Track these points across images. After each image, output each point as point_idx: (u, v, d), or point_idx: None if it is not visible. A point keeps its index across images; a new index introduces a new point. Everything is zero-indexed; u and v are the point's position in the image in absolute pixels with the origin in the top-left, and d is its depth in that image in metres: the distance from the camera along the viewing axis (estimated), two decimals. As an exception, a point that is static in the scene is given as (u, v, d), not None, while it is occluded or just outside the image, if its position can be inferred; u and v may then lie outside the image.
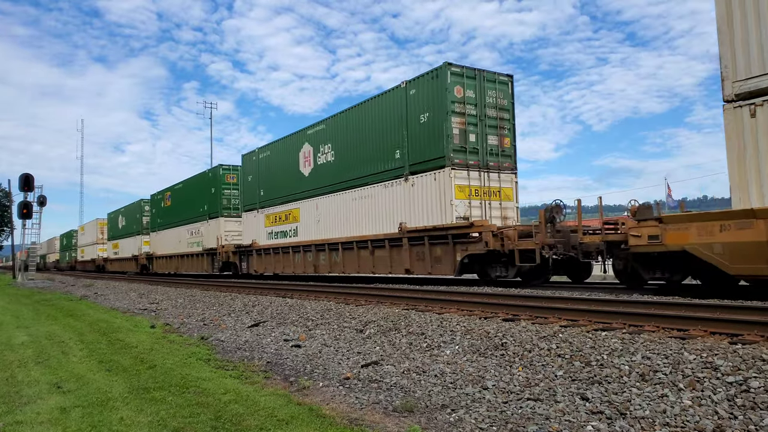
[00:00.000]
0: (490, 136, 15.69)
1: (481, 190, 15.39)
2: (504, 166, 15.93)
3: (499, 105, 15.87)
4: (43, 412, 4.82)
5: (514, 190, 16.12)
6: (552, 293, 10.73)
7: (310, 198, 21.28)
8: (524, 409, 4.53)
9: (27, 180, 34.39)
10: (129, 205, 46.32)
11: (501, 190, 15.82)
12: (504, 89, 16.10)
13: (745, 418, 3.85)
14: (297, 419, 4.49)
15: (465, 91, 15.27)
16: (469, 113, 15.24)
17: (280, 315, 10.97)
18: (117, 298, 18.60)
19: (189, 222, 32.34)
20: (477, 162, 15.39)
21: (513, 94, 16.32)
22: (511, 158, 16.18)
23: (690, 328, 6.24)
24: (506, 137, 16.00)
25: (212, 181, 29.47)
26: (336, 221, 19.72)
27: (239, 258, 26.14)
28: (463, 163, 15.07)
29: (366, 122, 18.42)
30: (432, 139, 15.34)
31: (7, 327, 11.15)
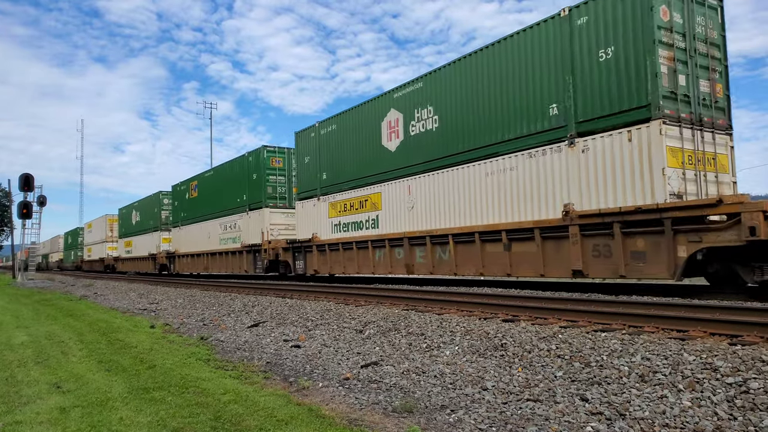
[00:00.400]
0: (701, 80, 11.36)
1: (695, 156, 10.88)
2: (718, 123, 11.47)
3: (710, 38, 11.63)
4: (43, 412, 4.82)
5: (729, 157, 11.66)
6: (552, 294, 10.73)
7: (398, 179, 16.69)
8: (524, 410, 4.53)
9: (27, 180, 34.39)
10: (145, 199, 41.24)
11: (716, 157, 11.30)
12: (714, 16, 11.76)
13: (745, 419, 3.85)
14: (296, 419, 4.49)
15: (672, 14, 10.97)
16: (678, 46, 10.94)
17: (280, 315, 10.97)
18: (116, 298, 18.60)
19: (222, 215, 27.92)
20: (690, 115, 10.94)
21: (724, 24, 11.99)
22: (724, 113, 11.71)
23: (690, 329, 6.24)
24: (719, 83, 11.79)
25: (253, 166, 24.79)
26: (441, 207, 15.04)
27: (293, 256, 21.50)
28: (675, 115, 10.64)
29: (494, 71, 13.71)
30: (623, 82, 10.94)
31: (7, 327, 11.14)
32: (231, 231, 26.96)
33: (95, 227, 56.54)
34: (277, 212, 24.16)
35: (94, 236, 56.15)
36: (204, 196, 30.51)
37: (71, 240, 71.02)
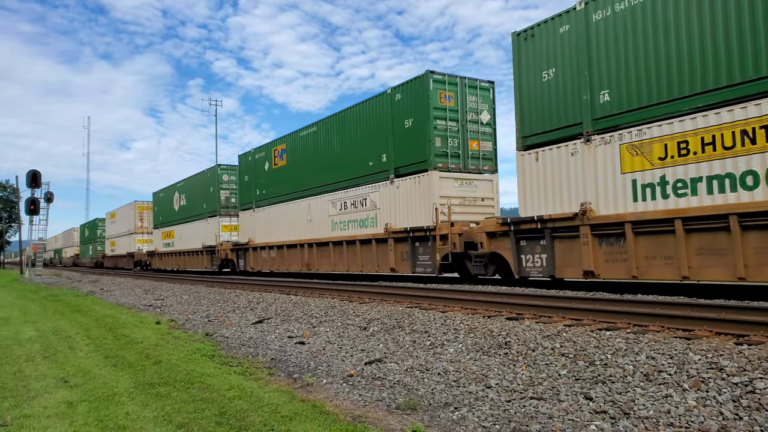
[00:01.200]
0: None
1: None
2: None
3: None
4: (51, 406, 4.87)
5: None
6: (556, 292, 10.72)
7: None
8: (527, 408, 4.53)
9: (34, 177, 34.60)
10: (193, 177, 33.00)
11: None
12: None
13: (750, 419, 3.84)
14: (300, 416, 4.51)
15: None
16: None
17: (284, 312, 11.00)
18: (122, 294, 18.70)
19: (338, 187, 19.67)
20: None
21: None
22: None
23: (695, 328, 6.22)
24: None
25: (408, 105, 16.55)
26: None
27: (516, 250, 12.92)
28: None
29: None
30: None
31: (15, 322, 11.24)
32: (357, 210, 18.77)
33: (120, 217, 48.40)
34: (449, 178, 15.88)
35: (119, 227, 48.35)
36: (300, 163, 22.47)
37: (89, 233, 63.28)
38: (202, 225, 31.01)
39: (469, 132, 16.59)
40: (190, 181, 33.64)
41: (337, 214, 20.02)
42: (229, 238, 28.59)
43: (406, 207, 16.74)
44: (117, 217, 49.75)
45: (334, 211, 20.18)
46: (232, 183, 29.26)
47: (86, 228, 65.79)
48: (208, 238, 29.94)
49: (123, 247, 46.87)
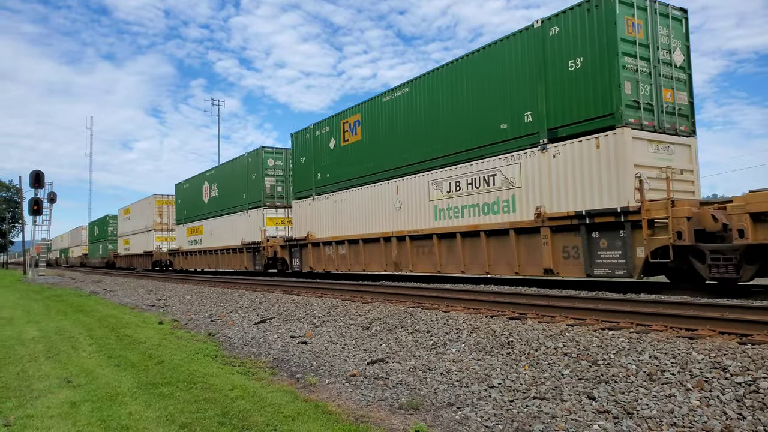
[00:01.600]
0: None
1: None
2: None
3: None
4: (54, 406, 4.88)
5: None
6: (559, 292, 10.70)
7: None
8: (530, 408, 4.52)
9: (38, 177, 34.66)
10: (227, 164, 28.53)
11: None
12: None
13: (754, 419, 3.83)
14: (303, 415, 4.51)
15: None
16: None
17: (287, 312, 11.01)
18: (125, 294, 18.74)
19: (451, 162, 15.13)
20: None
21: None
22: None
23: (698, 327, 6.21)
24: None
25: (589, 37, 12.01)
26: None
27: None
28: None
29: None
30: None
31: (18, 322, 11.27)
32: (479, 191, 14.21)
33: (136, 213, 44.21)
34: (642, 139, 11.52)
35: (135, 224, 44.00)
36: (383, 136, 17.95)
37: (98, 231, 58.39)
38: (241, 218, 26.23)
39: (662, 77, 11.97)
40: (223, 169, 28.87)
41: (444, 198, 15.35)
42: (276, 233, 24.12)
43: (570, 183, 12.08)
44: (132, 213, 45.06)
45: (439, 195, 15.54)
46: (278, 169, 24.60)
47: (96, 225, 60.52)
48: (249, 234, 25.24)
49: (139, 246, 42.37)
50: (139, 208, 43.47)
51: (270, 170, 24.95)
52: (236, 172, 27.23)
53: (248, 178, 25.82)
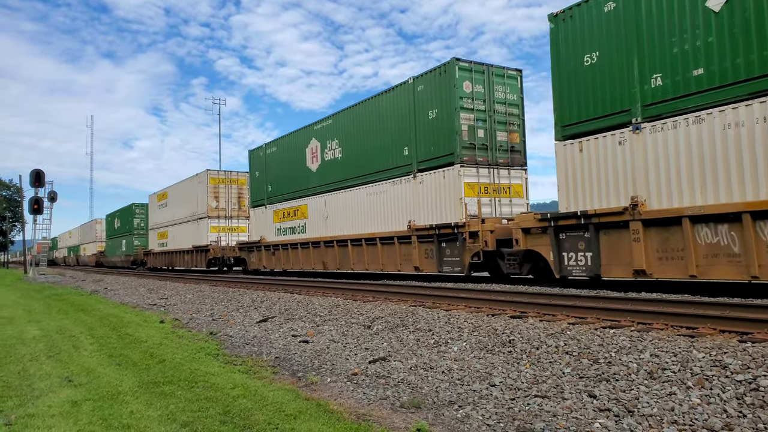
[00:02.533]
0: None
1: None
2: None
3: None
4: (55, 405, 4.89)
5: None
6: (560, 290, 10.71)
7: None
8: (531, 406, 4.53)
9: (38, 176, 34.70)
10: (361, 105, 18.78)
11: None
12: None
13: (754, 417, 3.83)
14: (305, 414, 4.52)
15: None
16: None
17: (288, 311, 11.02)
18: (126, 293, 18.76)
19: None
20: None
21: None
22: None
23: (699, 326, 6.21)
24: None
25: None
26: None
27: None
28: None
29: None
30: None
31: (19, 321, 11.28)
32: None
33: (177, 197, 34.43)
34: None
35: (175, 212, 34.71)
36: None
37: (120, 223, 48.11)
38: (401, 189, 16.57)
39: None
40: (351, 116, 19.19)
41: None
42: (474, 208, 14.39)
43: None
44: (171, 199, 35.49)
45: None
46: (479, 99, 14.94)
47: (116, 217, 49.58)
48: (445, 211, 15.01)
49: (184, 239, 32.66)
50: (182, 192, 33.47)
51: (467, 101, 14.97)
52: (386, 114, 17.39)
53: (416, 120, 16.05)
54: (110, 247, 52.75)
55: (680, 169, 10.02)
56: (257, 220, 26.19)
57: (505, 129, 15.59)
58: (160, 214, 38.41)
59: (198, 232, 30.78)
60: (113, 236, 51.37)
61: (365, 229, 18.41)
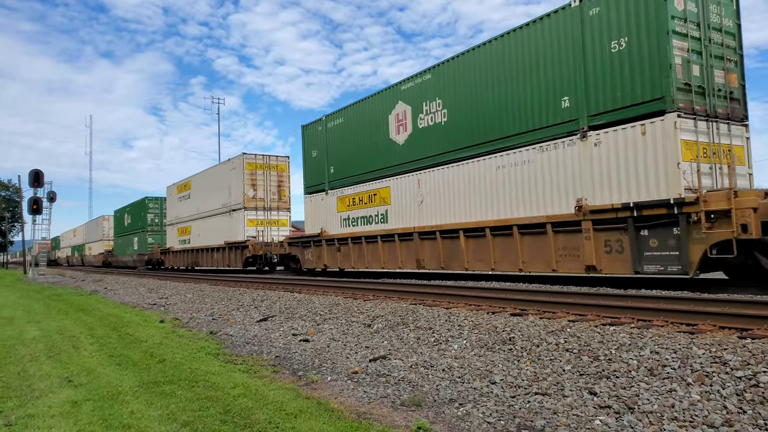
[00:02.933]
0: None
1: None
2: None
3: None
4: (55, 406, 4.88)
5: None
6: (560, 288, 10.70)
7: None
8: (532, 404, 4.53)
9: (37, 176, 34.66)
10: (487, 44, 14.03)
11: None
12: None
13: (754, 413, 3.84)
14: (305, 413, 4.52)
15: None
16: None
17: (289, 310, 11.02)
18: (126, 293, 18.75)
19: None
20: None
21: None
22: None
23: (699, 322, 6.21)
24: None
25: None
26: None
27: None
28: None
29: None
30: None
31: (19, 322, 11.28)
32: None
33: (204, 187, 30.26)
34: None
35: (200, 203, 30.35)
36: None
37: (131, 220, 43.61)
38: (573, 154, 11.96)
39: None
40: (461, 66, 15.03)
41: None
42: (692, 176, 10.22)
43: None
44: (196, 189, 30.97)
45: None
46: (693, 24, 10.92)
47: (127, 213, 45.01)
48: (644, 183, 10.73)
49: (212, 235, 28.54)
50: (211, 181, 29.23)
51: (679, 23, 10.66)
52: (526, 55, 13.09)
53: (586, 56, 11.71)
54: (120, 245, 47.79)
55: None
56: (314, 209, 21.65)
57: (721, 67, 10.99)
58: (180, 207, 33.51)
59: (232, 226, 26.66)
60: (123, 234, 46.43)
61: (488, 215, 13.74)
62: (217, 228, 28.46)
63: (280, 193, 27.14)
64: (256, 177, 26.31)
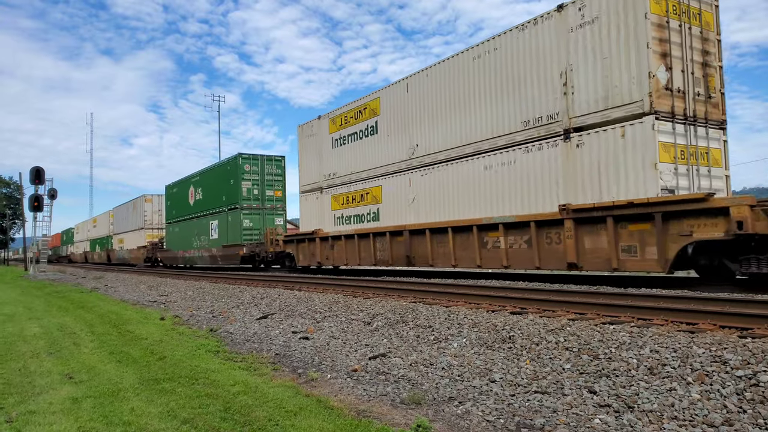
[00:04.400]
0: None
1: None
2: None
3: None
4: (56, 402, 4.89)
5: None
6: (560, 286, 10.70)
7: None
8: (531, 402, 4.53)
9: (38, 173, 34.65)
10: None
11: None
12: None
13: (754, 412, 3.84)
14: (305, 411, 4.52)
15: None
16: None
17: (289, 307, 11.02)
18: (127, 291, 18.76)
19: None
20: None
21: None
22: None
23: (699, 321, 6.21)
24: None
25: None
26: None
27: None
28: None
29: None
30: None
31: (20, 319, 11.29)
32: None
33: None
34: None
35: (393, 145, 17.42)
36: None
37: (205, 194, 29.72)
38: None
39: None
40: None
41: None
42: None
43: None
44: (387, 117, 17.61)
45: None
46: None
47: (194, 186, 31.16)
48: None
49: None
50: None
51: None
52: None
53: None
54: (179, 235, 33.49)
55: None
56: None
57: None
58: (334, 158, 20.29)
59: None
60: (186, 217, 32.28)
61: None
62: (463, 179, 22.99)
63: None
64: None
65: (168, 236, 36.40)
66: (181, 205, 33.69)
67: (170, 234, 35.74)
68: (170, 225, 35.86)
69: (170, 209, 36.11)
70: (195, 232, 30.87)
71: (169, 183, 36.58)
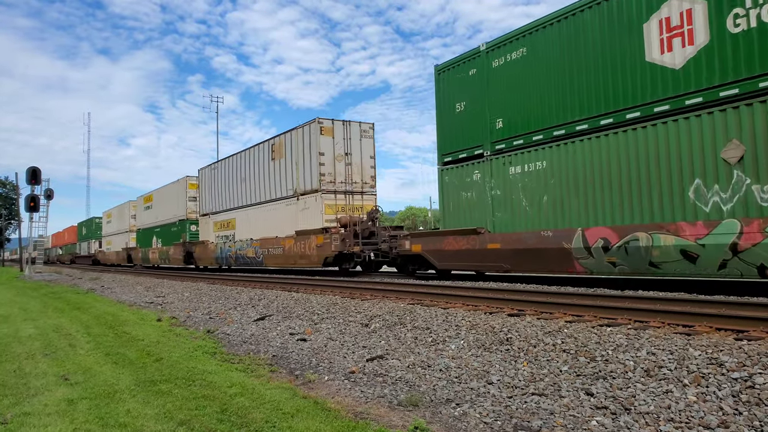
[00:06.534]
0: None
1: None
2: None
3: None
4: (51, 404, 4.87)
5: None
6: (557, 288, 10.71)
7: None
8: (529, 404, 4.53)
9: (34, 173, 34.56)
10: None
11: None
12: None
13: (750, 414, 3.85)
14: (302, 412, 4.52)
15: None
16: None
17: (286, 309, 11.00)
18: (123, 291, 18.71)
19: None
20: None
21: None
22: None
23: (695, 324, 6.22)
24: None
25: None
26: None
27: None
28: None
29: None
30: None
31: (15, 320, 11.24)
32: None
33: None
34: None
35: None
36: None
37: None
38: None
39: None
40: None
41: None
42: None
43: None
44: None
45: None
46: None
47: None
48: None
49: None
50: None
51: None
52: None
53: None
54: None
55: None
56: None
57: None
58: None
59: None
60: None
61: None
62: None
63: None
64: None
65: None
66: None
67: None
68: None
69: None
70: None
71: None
